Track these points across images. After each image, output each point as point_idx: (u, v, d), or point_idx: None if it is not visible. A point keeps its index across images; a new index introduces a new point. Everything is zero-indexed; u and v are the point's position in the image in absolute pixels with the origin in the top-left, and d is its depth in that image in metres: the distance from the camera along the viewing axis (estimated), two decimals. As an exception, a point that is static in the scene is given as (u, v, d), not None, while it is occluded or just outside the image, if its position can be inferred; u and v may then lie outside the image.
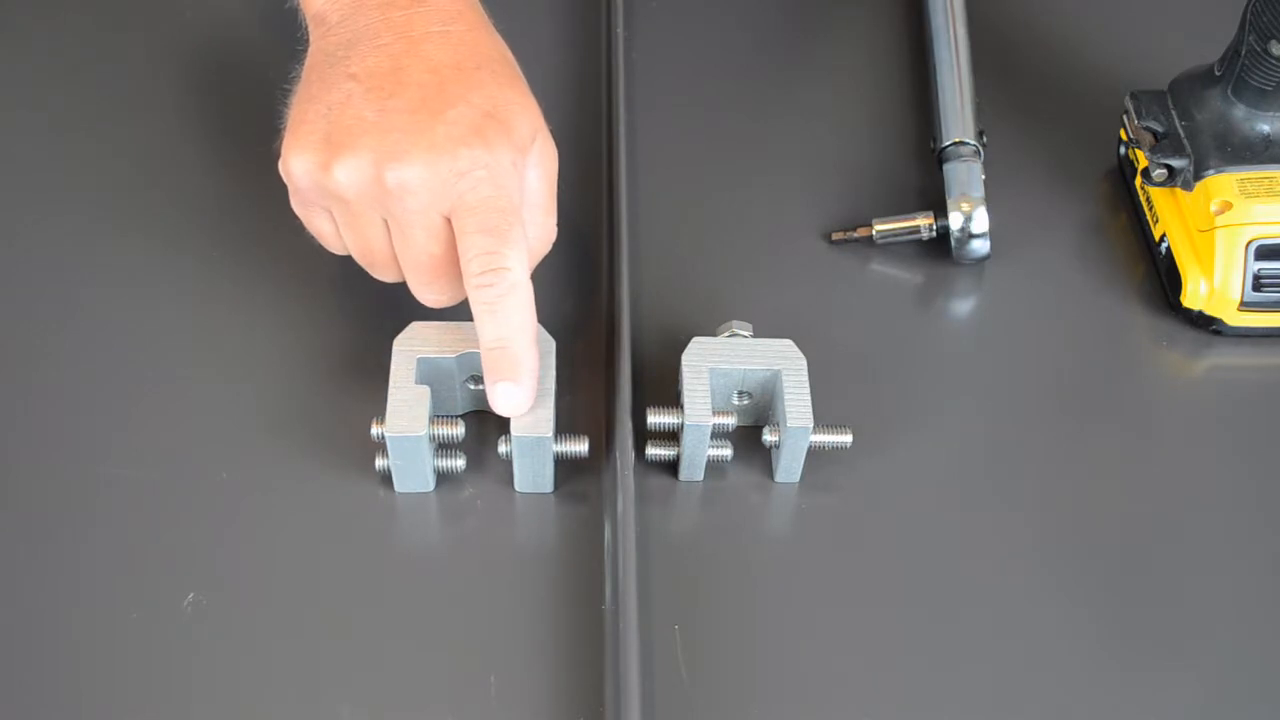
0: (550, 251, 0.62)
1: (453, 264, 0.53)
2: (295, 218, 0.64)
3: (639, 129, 0.70)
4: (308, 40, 0.59)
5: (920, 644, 0.53)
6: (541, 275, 0.64)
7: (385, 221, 0.54)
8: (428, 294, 0.55)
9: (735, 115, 0.73)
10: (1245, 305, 0.62)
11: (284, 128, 0.56)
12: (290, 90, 0.57)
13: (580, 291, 0.64)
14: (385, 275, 0.57)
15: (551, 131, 0.57)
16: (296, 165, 0.54)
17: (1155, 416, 0.61)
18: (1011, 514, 0.57)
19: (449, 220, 0.53)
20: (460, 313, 0.58)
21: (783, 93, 0.74)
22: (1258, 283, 0.61)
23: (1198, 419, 0.61)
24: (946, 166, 0.66)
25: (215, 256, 0.65)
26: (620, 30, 0.73)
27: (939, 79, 0.69)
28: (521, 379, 0.53)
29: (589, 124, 0.71)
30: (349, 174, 0.52)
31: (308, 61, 0.57)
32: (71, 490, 0.56)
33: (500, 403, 0.53)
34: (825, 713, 0.51)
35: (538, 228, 0.57)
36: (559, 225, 0.58)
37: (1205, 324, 0.63)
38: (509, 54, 0.57)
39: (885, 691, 0.52)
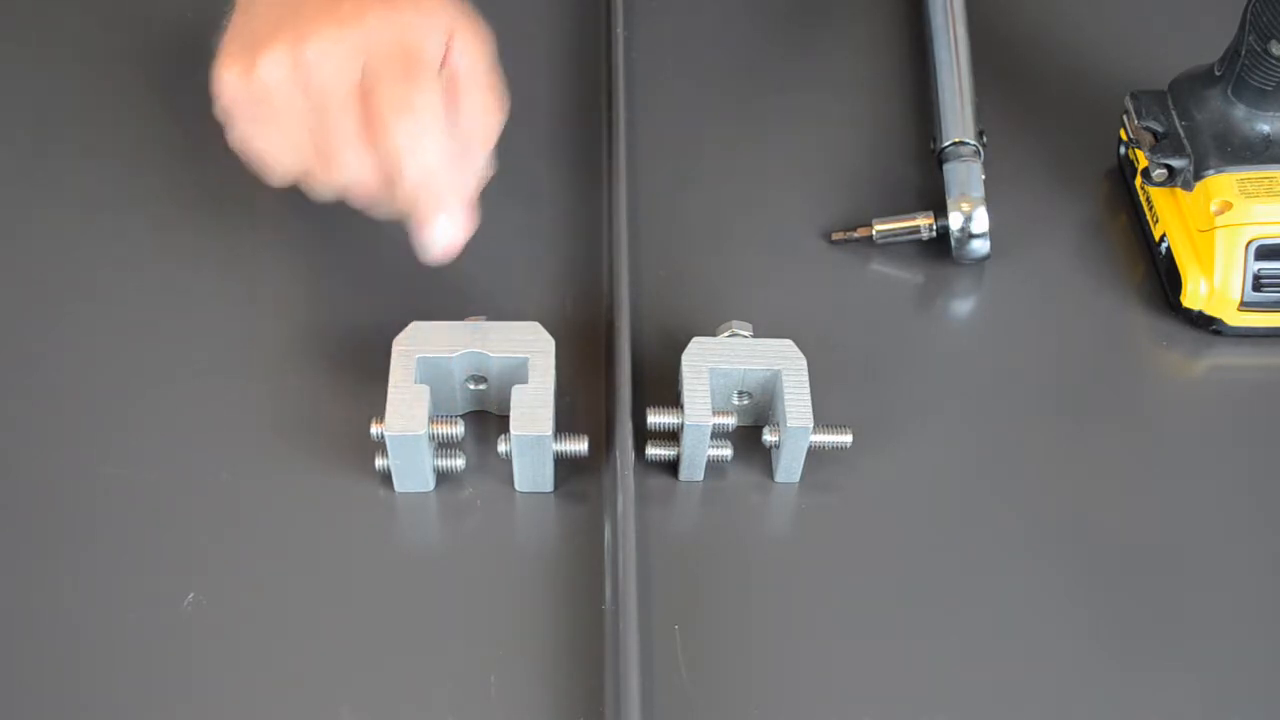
0: (550, 252, 0.62)
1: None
2: (296, 216, 0.64)
3: (639, 129, 0.70)
4: None
5: (920, 644, 0.53)
6: (542, 275, 0.64)
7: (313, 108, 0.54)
8: (364, 174, 0.54)
9: (735, 115, 0.73)
10: (1245, 305, 0.62)
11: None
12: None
13: (580, 291, 0.64)
14: (326, 176, 0.55)
15: (551, 131, 0.57)
16: (224, 82, 0.55)
17: (1155, 417, 0.61)
18: (1011, 514, 0.57)
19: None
20: (460, 312, 0.58)
21: (783, 93, 0.74)
22: (1258, 283, 0.61)
23: (1198, 419, 0.61)
24: (946, 166, 0.66)
25: (215, 256, 0.65)
26: (620, 30, 0.73)
27: (939, 79, 0.69)
28: (450, 207, 0.53)
29: (589, 123, 0.71)
30: (269, 68, 0.53)
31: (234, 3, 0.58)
32: (71, 490, 0.56)
33: (437, 239, 0.53)
34: (825, 712, 0.51)
35: (478, 107, 0.56)
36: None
37: (1205, 324, 0.63)
38: None
39: (885, 691, 0.52)
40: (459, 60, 0.56)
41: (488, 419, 0.59)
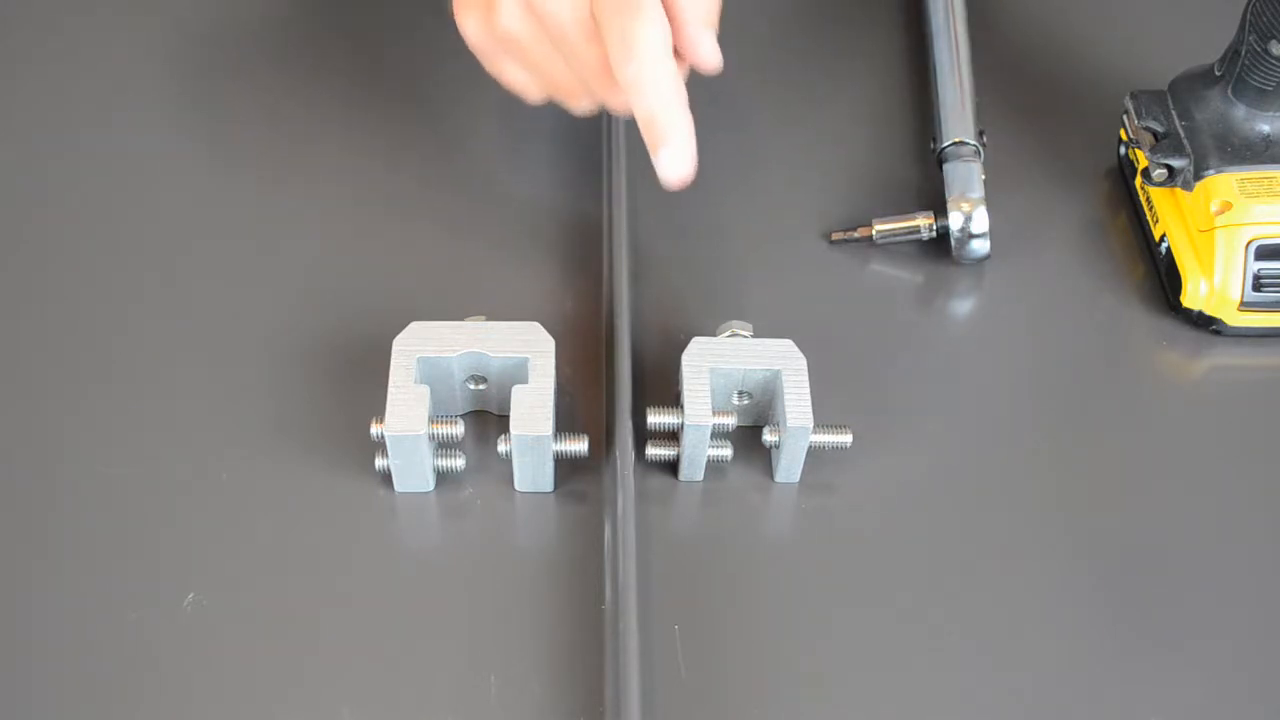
0: (549, 252, 0.62)
1: None
2: (294, 215, 0.64)
3: (639, 129, 0.70)
4: None
5: (920, 643, 0.53)
6: (542, 275, 0.64)
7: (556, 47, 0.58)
8: (616, 102, 0.59)
9: (735, 115, 0.73)
10: (1245, 305, 0.62)
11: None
12: None
13: (580, 291, 0.64)
14: (579, 102, 0.61)
15: (551, 131, 0.57)
16: (469, 28, 0.60)
17: (1155, 417, 0.61)
18: (1011, 513, 0.57)
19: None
20: (460, 313, 0.58)
21: (782, 92, 0.74)
22: (1258, 283, 0.62)
23: (1198, 419, 0.61)
24: (946, 166, 0.66)
25: (214, 256, 0.65)
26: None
27: (939, 79, 0.69)
28: (676, 143, 0.55)
29: (588, 123, 0.70)
30: (507, 16, 0.58)
31: None
32: (71, 490, 0.56)
33: (664, 169, 0.56)
34: (825, 712, 0.51)
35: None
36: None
37: (1205, 324, 0.63)
38: None
39: (885, 691, 0.52)
40: None
41: (488, 419, 0.59)
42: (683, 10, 0.58)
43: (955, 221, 0.64)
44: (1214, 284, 0.62)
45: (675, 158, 0.55)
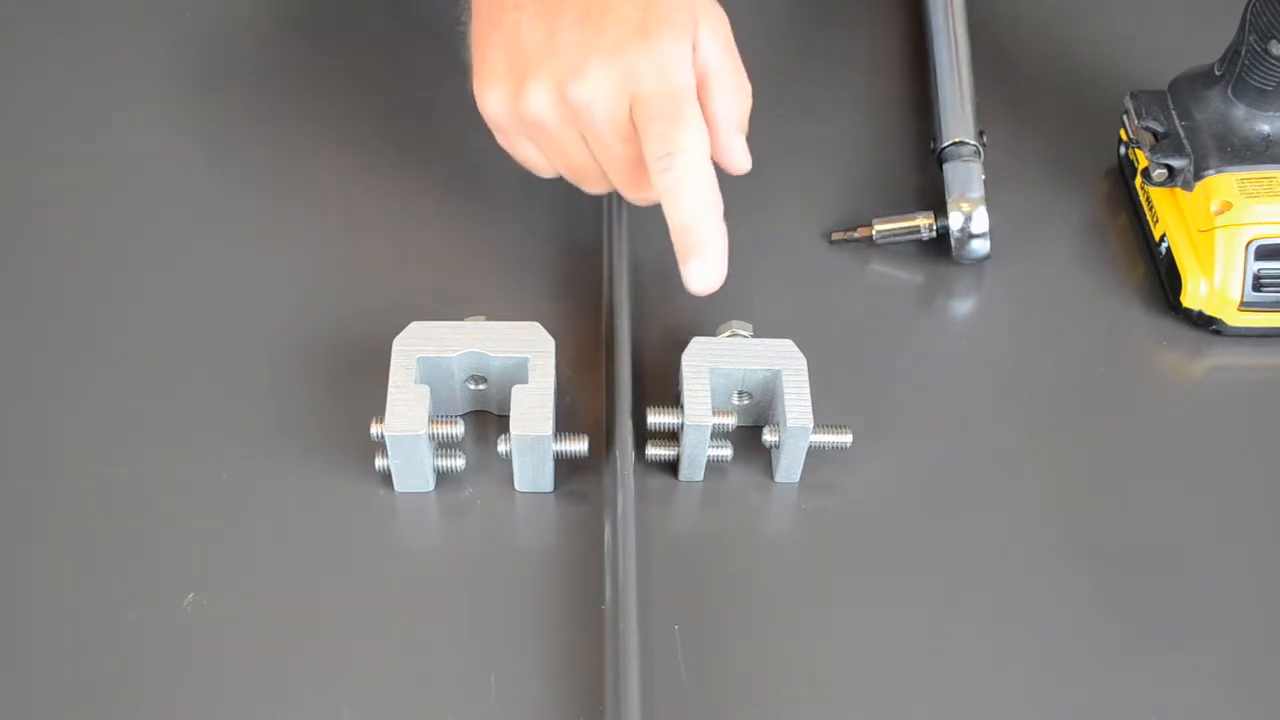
0: (549, 251, 0.62)
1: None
2: (294, 215, 0.64)
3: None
4: None
5: (920, 643, 0.53)
6: (542, 275, 0.64)
7: (582, 136, 0.57)
8: (636, 195, 0.58)
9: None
10: (1245, 305, 0.62)
11: (469, 67, 0.59)
12: (462, 32, 0.60)
13: (580, 291, 0.64)
14: (595, 186, 0.60)
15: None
16: (491, 103, 0.57)
17: (1155, 417, 0.61)
18: (1011, 514, 0.57)
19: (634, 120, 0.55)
20: (460, 312, 0.58)
21: (782, 92, 0.74)
22: (1258, 283, 0.61)
23: (1198, 419, 0.61)
24: (946, 166, 0.66)
25: (214, 256, 0.65)
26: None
27: (939, 79, 0.69)
28: (708, 256, 0.55)
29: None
30: (537, 101, 0.56)
31: (475, 2, 0.59)
32: (71, 490, 0.56)
33: (692, 281, 0.55)
34: (825, 712, 0.51)
35: (730, 90, 0.58)
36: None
37: (1205, 324, 0.63)
38: None
39: (885, 691, 0.52)
40: (707, 50, 0.57)
41: (488, 419, 0.59)
42: (718, 115, 0.58)
43: (955, 221, 0.64)
44: (1214, 284, 0.62)
45: (707, 271, 0.55)
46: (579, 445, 0.55)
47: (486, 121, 0.59)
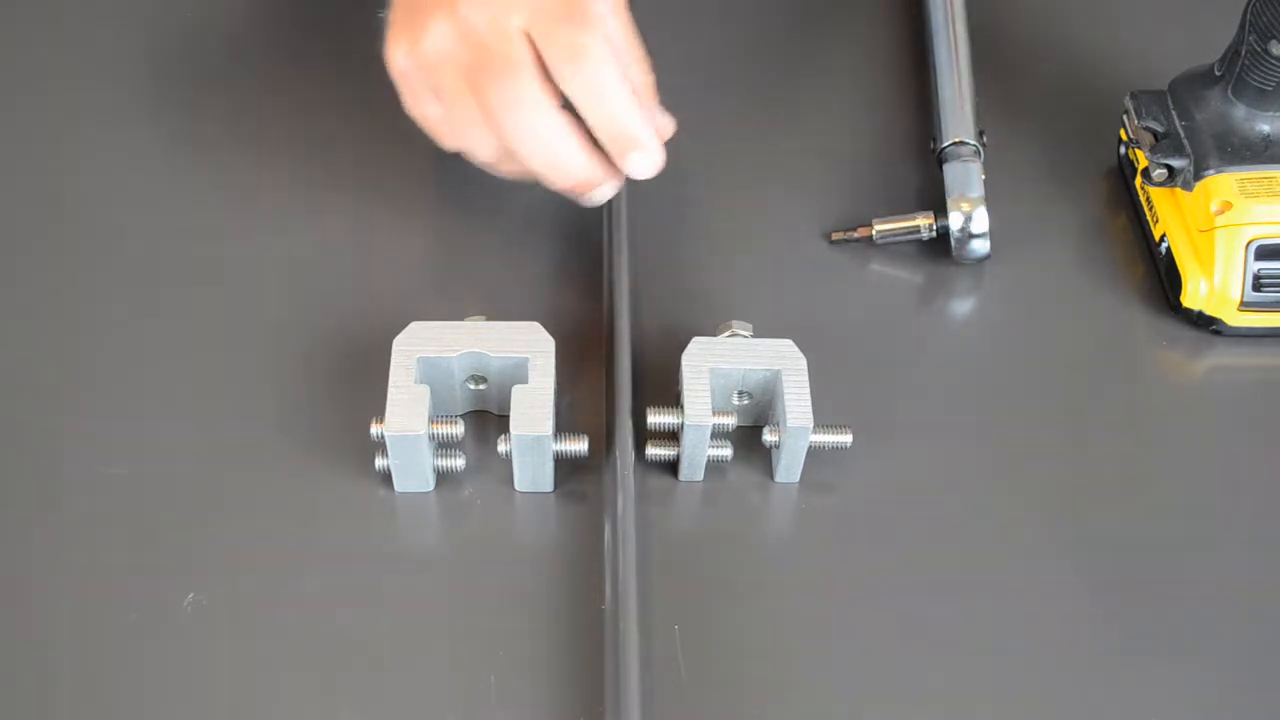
0: (549, 252, 0.62)
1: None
2: (294, 215, 0.64)
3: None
4: None
5: (920, 644, 0.53)
6: (542, 275, 0.64)
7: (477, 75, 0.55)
8: (522, 136, 0.56)
9: (735, 114, 0.73)
10: (1245, 305, 0.62)
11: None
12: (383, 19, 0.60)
13: (580, 291, 0.64)
14: (485, 145, 0.58)
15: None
16: (397, 57, 0.57)
17: (1155, 416, 0.61)
18: (1011, 514, 0.57)
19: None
20: (460, 312, 0.58)
21: (782, 93, 0.74)
22: (1258, 283, 0.61)
23: (1198, 419, 0.61)
24: (946, 166, 0.66)
25: (214, 256, 0.65)
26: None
27: (939, 79, 0.69)
28: (643, 145, 0.55)
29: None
30: (435, 36, 0.55)
31: None
32: (71, 490, 0.56)
33: (634, 171, 0.56)
34: (825, 712, 0.51)
35: (636, 60, 0.58)
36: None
37: (1205, 324, 0.63)
38: None
39: (886, 691, 0.52)
40: (609, 24, 0.56)
41: (488, 419, 0.59)
42: (633, 84, 0.56)
43: (955, 221, 0.64)
44: (1214, 284, 0.62)
45: (646, 160, 0.55)
46: (579, 445, 0.55)
47: (394, 80, 0.59)
